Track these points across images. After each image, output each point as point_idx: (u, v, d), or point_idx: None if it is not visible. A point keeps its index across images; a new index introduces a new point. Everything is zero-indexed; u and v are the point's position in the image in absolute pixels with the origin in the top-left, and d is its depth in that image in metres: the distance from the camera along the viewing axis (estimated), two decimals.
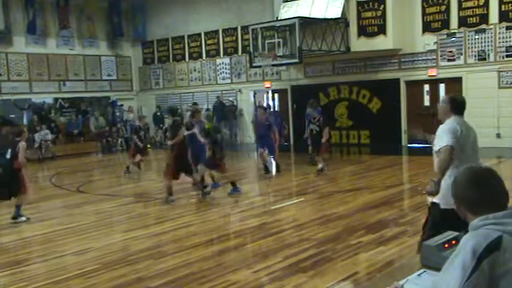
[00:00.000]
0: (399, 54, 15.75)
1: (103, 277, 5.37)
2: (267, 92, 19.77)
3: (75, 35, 20.65)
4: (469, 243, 1.82)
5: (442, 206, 4.06)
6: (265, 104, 19.69)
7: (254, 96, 19.76)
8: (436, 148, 4.15)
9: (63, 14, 19.76)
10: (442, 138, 4.10)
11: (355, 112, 16.96)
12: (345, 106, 17.26)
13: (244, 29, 18.34)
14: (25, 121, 20.16)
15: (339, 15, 15.46)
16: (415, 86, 15.66)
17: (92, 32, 21.17)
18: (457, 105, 4.28)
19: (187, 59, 21.19)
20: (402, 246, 5.86)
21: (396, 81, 15.82)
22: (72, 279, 5.34)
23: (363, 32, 15.59)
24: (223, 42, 20.05)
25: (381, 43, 15.34)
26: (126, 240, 6.92)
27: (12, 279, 5.46)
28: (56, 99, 21.20)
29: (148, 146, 20.77)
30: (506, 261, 1.78)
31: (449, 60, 14.99)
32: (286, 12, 16.28)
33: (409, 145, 15.80)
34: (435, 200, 4.20)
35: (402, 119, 16.06)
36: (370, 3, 15.42)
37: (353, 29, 15.65)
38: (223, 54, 20.09)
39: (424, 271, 2.40)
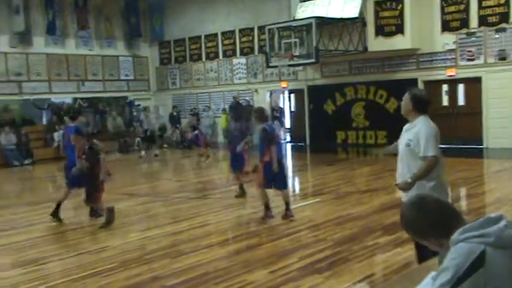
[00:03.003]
0: (417, 54, 15.59)
1: (119, 276, 5.39)
2: (283, 92, 19.74)
3: (94, 36, 20.85)
4: (452, 262, 1.76)
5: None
6: (281, 104, 19.76)
7: (270, 96, 19.75)
8: (421, 151, 3.99)
9: (81, 15, 19.95)
10: (429, 143, 3.97)
11: (372, 112, 16.83)
12: (362, 106, 17.14)
13: (261, 29, 18.32)
14: (44, 121, 20.43)
15: (356, 15, 15.35)
16: (433, 86, 15.47)
17: (110, 33, 21.34)
18: (427, 104, 4.17)
19: (203, 59, 21.25)
20: None
21: (414, 81, 15.64)
22: (88, 278, 5.38)
23: (380, 31, 15.45)
24: (240, 42, 20.07)
25: (398, 43, 15.19)
26: (142, 239, 6.95)
27: (29, 277, 5.52)
28: (74, 99, 21.44)
29: (165, 145, 20.98)
30: (492, 278, 1.72)
31: (468, 59, 14.79)
32: (303, 12, 16.23)
33: None
34: (405, 199, 4.03)
35: None
36: (388, 3, 15.28)
37: (370, 28, 15.53)
38: (240, 54, 20.11)
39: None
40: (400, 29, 15.13)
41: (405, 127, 4.22)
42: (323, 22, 15.17)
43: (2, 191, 13.09)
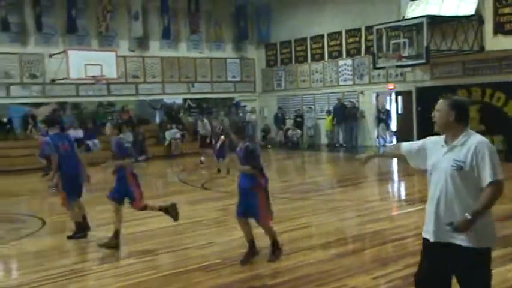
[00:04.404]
0: None
1: (223, 271, 5.58)
2: (390, 94, 19.18)
3: (204, 39, 21.74)
4: None
5: (478, 245, 3.19)
6: (388, 107, 19.20)
7: (376, 98, 19.28)
8: (487, 176, 3.10)
9: (194, 20, 20.89)
10: (496, 164, 3.12)
11: (487, 116, 15.75)
12: (476, 109, 16.08)
13: (368, 29, 17.96)
14: (157, 120, 21.70)
15: (473, 12, 14.50)
16: None
17: (219, 36, 22.12)
18: (469, 115, 3.37)
19: (309, 61, 21.27)
20: None
21: None
22: (195, 271, 5.62)
23: (499, 29, 14.44)
24: (346, 43, 19.81)
25: None
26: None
27: (142, 267, 5.89)
28: (184, 100, 22.52)
29: (269, 146, 21.32)
30: None
31: None
32: (414, 11, 15.66)
33: None
34: (462, 242, 3.18)
35: None
36: None
37: (488, 26, 14.57)
38: (346, 56, 19.85)
39: None
40: None
41: (441, 143, 3.34)
42: (435, 21, 14.51)
43: None
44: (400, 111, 18.87)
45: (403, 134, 18.36)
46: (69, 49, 17.48)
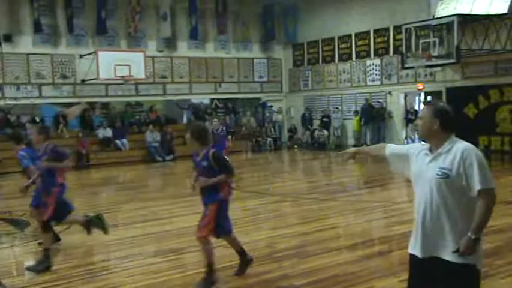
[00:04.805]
0: None
1: (250, 271, 5.56)
2: (419, 94, 18.89)
3: (231, 39, 21.81)
4: None
5: (479, 267, 3.06)
6: (416, 107, 18.93)
7: (405, 99, 19.01)
8: (476, 184, 2.92)
9: (221, 20, 20.98)
10: (485, 171, 2.95)
11: None
12: (509, 110, 15.73)
13: (397, 28, 17.72)
14: (185, 120, 21.87)
15: (505, 11, 14.16)
16: None
17: (246, 36, 22.16)
18: (455, 122, 3.17)
19: (336, 61, 21.12)
20: None
21: None
22: (222, 270, 5.62)
23: None
24: (374, 42, 19.60)
25: None
26: (272, 237, 7.10)
27: (168, 266, 5.94)
28: (211, 100, 22.64)
29: (295, 146, 21.25)
30: None
31: None
32: (444, 9, 15.39)
33: None
34: (449, 257, 3.02)
35: None
36: None
37: None
38: (374, 55, 19.64)
39: None
40: None
41: (425, 151, 3.13)
42: (466, 20, 14.23)
43: (147, 184, 14.28)
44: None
45: None
46: (99, 50, 17.77)
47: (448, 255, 3.00)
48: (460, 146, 3.00)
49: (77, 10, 18.22)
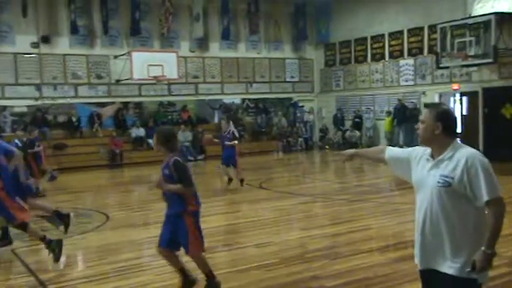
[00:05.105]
0: None
1: (281, 271, 5.57)
2: (454, 95, 18.50)
3: (263, 39, 21.84)
4: None
5: (481, 280, 2.85)
6: (451, 108, 18.54)
7: (439, 99, 18.65)
8: (484, 193, 2.73)
9: (253, 21, 21.01)
10: (493, 179, 2.76)
11: None
12: None
13: (432, 28, 17.41)
14: (216, 120, 22.02)
15: None
16: None
17: (278, 36, 22.15)
18: (456, 126, 3.01)
19: (369, 61, 20.89)
20: None
21: None
22: (252, 270, 5.65)
23: None
24: (408, 42, 19.30)
25: None
26: (303, 238, 7.09)
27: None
28: (243, 100, 22.72)
29: (327, 146, 21.14)
30: None
31: None
32: (481, 8, 15.04)
33: None
34: (448, 270, 2.87)
35: None
36: None
37: None
38: (407, 55, 19.35)
39: None
40: None
41: (426, 157, 2.99)
42: (504, 18, 13.87)
43: None
44: (464, 113, 18.17)
45: (468, 137, 17.65)
46: (133, 51, 18.06)
47: (446, 268, 2.87)
48: (463, 152, 2.82)
49: (112, 12, 18.55)
